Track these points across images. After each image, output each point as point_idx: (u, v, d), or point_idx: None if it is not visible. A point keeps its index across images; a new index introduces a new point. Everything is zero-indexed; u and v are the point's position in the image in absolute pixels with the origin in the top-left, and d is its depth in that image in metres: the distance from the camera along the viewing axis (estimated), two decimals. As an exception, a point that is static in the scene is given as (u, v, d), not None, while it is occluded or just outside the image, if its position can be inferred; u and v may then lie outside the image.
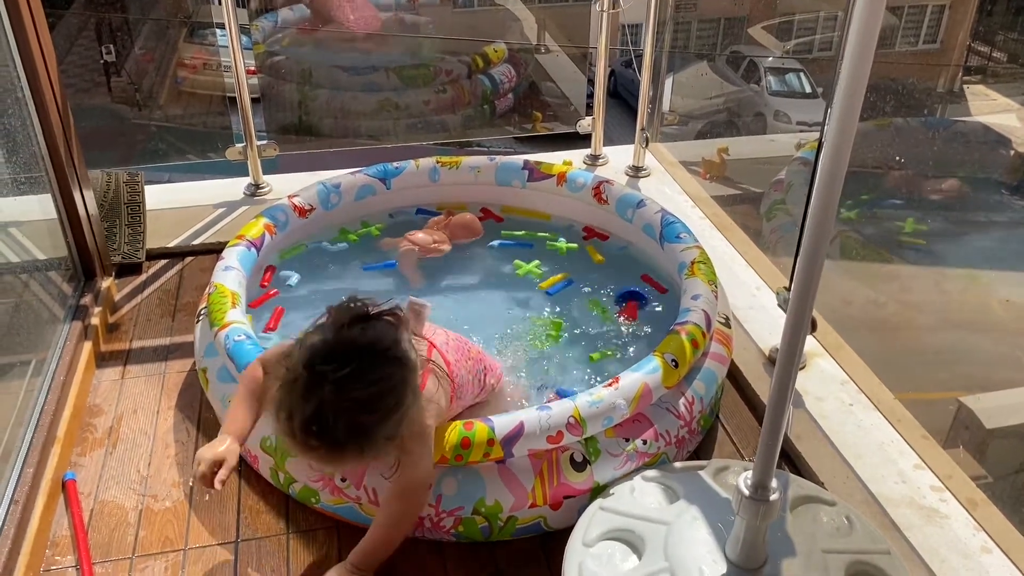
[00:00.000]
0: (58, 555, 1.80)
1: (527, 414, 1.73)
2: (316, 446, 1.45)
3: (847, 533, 1.68)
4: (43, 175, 2.41)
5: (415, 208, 2.81)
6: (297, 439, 1.45)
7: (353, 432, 1.45)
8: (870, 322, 2.81)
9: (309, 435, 1.43)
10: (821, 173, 1.30)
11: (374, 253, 2.64)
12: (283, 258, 2.59)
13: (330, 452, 1.46)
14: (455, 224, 2.68)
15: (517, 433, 1.70)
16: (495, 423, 1.71)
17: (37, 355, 2.18)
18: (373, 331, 1.51)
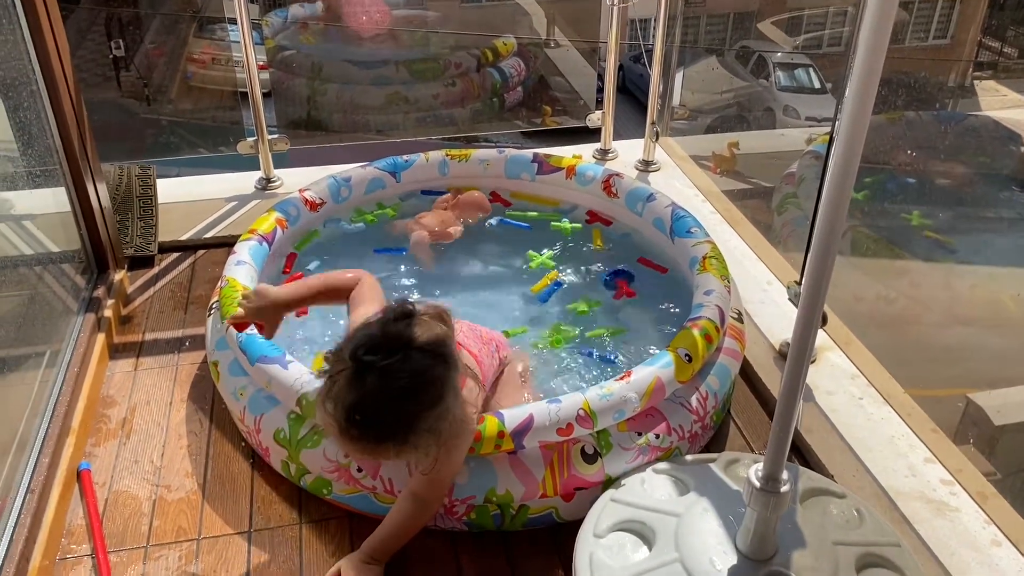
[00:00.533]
0: (73, 544, 1.82)
1: (537, 407, 1.74)
2: (359, 436, 1.45)
3: (857, 525, 1.68)
4: (57, 168, 2.43)
5: (420, 190, 2.82)
6: (341, 428, 1.45)
7: (396, 422, 1.45)
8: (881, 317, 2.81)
9: (353, 424, 1.43)
10: (833, 167, 1.30)
11: (388, 236, 2.66)
12: (300, 248, 2.62)
13: (374, 442, 1.46)
14: (463, 202, 2.69)
15: (527, 426, 1.71)
16: (505, 416, 1.72)
17: (51, 347, 2.20)
18: (420, 327, 1.52)
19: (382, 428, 1.44)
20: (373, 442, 1.46)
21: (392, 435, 1.46)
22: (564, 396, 1.78)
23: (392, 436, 1.46)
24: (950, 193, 3.32)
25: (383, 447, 1.47)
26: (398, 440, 1.46)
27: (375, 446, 1.47)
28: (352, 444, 1.47)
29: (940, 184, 3.34)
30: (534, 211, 2.76)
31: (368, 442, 1.46)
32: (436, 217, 2.63)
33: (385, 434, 1.45)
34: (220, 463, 2.03)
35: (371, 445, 1.47)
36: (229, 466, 2.02)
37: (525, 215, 2.75)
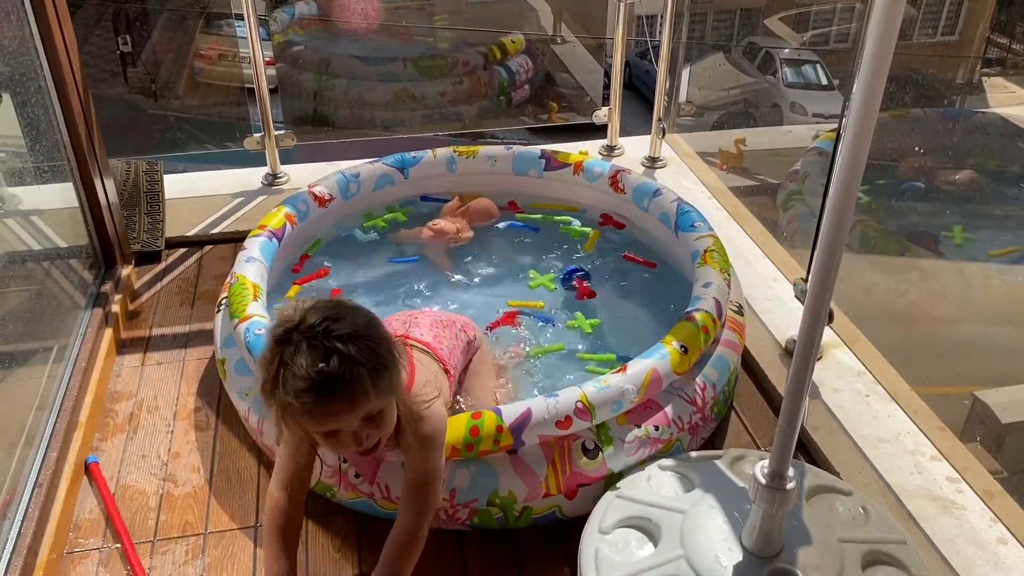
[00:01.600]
0: (81, 537, 1.83)
1: (534, 401, 1.74)
2: (333, 390, 1.41)
3: (863, 523, 1.68)
4: (65, 164, 2.44)
5: (420, 196, 2.83)
6: (311, 394, 1.41)
7: (362, 357, 1.43)
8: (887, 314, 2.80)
9: (324, 381, 1.40)
10: (841, 163, 1.30)
11: (400, 246, 2.67)
12: (312, 251, 2.64)
13: (348, 388, 1.42)
14: (473, 210, 2.71)
15: (525, 420, 1.71)
16: (503, 411, 1.73)
17: (59, 341, 2.21)
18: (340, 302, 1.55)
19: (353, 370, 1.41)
20: (348, 388, 1.42)
21: (361, 374, 1.42)
22: (561, 390, 1.78)
23: (361, 376, 1.42)
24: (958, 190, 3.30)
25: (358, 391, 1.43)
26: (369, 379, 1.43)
27: (352, 394, 1.43)
28: (328, 406, 1.43)
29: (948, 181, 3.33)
30: (541, 214, 2.76)
31: (342, 393, 1.42)
32: (450, 223, 2.65)
33: (355, 375, 1.42)
34: (227, 458, 2.03)
35: (347, 394, 1.43)
36: (236, 461, 2.02)
37: (531, 217, 2.75)
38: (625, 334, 2.33)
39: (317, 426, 1.47)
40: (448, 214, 2.71)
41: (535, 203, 2.80)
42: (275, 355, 1.43)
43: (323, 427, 1.48)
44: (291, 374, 1.41)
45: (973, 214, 3.22)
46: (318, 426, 1.47)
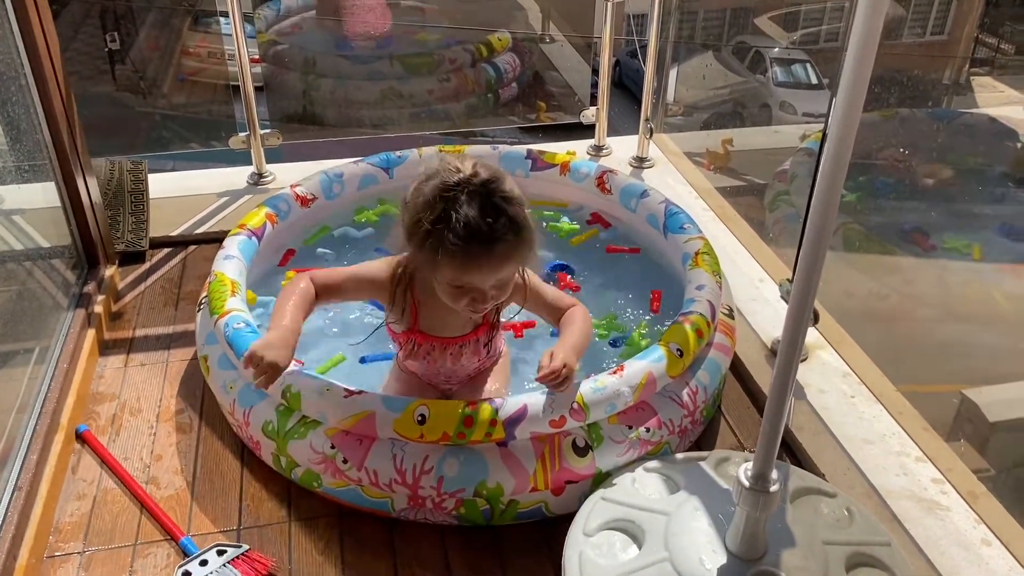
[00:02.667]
0: (61, 541, 1.81)
1: (531, 397, 1.74)
2: (493, 245, 1.59)
3: (847, 525, 1.68)
4: (47, 163, 2.42)
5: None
6: (474, 243, 1.57)
7: (521, 221, 1.63)
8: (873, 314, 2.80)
9: (489, 234, 1.58)
10: (825, 164, 1.30)
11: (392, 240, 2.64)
12: (310, 242, 2.63)
13: (505, 246, 1.60)
14: None
15: (520, 415, 1.71)
16: (498, 404, 1.72)
17: (41, 343, 2.19)
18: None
19: (516, 223, 1.61)
20: (512, 239, 1.61)
21: (522, 229, 1.62)
22: (559, 389, 1.78)
23: (522, 231, 1.62)
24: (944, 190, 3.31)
25: (520, 245, 1.63)
26: (528, 237, 1.64)
27: (513, 246, 1.62)
28: (490, 250, 1.59)
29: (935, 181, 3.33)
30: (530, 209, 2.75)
31: (506, 243, 1.60)
32: None
33: (519, 228, 1.61)
34: (210, 460, 2.02)
35: (510, 245, 1.61)
36: (219, 464, 2.01)
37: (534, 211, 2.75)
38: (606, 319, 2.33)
39: (462, 274, 1.62)
40: None
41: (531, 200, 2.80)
42: (442, 198, 1.57)
43: (467, 277, 1.63)
44: (459, 221, 1.56)
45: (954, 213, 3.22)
46: (463, 274, 1.62)
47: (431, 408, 1.73)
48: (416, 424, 1.72)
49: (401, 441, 1.75)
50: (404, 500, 1.78)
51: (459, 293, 1.67)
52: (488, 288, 1.67)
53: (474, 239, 1.57)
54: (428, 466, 1.74)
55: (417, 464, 1.74)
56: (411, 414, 1.72)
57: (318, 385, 1.80)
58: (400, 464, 1.74)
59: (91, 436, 2.06)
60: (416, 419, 1.72)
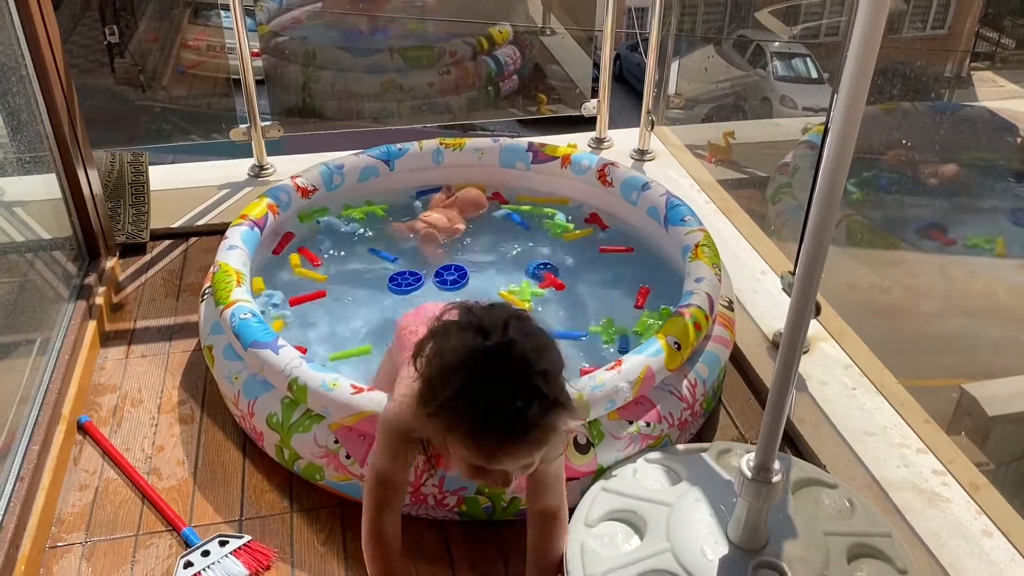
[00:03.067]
0: (64, 532, 1.81)
1: None
2: (521, 436, 1.27)
3: (848, 516, 1.68)
4: (47, 154, 2.41)
5: (416, 191, 2.80)
6: (498, 433, 1.26)
7: (558, 405, 1.28)
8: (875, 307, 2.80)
9: (517, 424, 1.25)
10: (827, 157, 1.30)
11: (383, 239, 2.63)
12: (305, 220, 2.62)
13: (535, 436, 1.28)
14: (462, 200, 2.69)
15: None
16: None
17: (42, 334, 2.19)
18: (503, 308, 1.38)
19: (551, 403, 1.25)
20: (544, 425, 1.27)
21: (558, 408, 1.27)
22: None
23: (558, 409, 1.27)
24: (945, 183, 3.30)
25: (554, 428, 1.29)
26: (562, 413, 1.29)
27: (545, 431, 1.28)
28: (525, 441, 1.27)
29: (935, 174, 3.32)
30: (529, 206, 2.74)
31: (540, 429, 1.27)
32: (442, 214, 2.63)
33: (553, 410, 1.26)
34: (211, 451, 2.02)
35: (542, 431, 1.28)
36: (220, 455, 2.01)
37: (520, 208, 2.73)
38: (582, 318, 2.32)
39: (479, 460, 1.31)
40: (437, 206, 2.69)
41: (523, 196, 2.79)
42: (465, 369, 1.25)
43: (486, 463, 1.31)
44: (481, 400, 1.24)
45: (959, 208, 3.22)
46: (481, 460, 1.30)
47: (433, 400, 1.72)
48: (418, 417, 1.71)
49: (404, 436, 1.75)
50: (406, 497, 1.78)
51: (478, 473, 1.36)
52: (514, 471, 1.36)
53: (503, 427, 1.26)
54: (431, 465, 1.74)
55: (419, 463, 1.74)
56: (413, 406, 1.71)
57: (324, 379, 1.79)
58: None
59: (93, 427, 2.06)
60: (418, 411, 1.71)
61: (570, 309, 2.35)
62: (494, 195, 2.78)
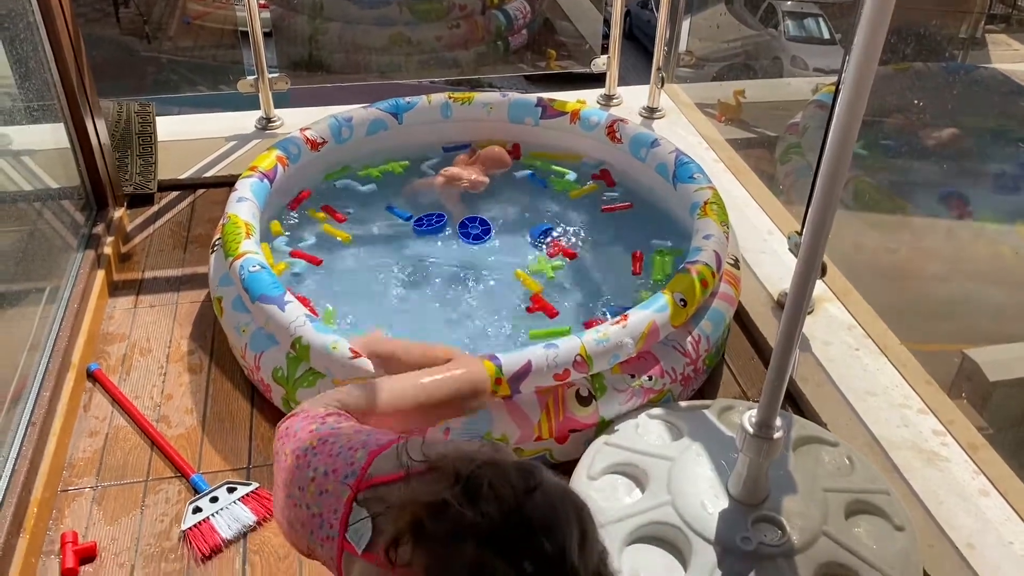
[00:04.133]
0: (75, 476, 1.84)
1: (534, 352, 1.75)
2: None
3: (848, 473, 1.70)
4: (55, 103, 2.41)
5: (442, 147, 2.81)
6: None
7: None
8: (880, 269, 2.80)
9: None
10: (838, 116, 1.29)
11: (400, 196, 2.63)
12: (330, 178, 2.65)
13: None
14: (484, 157, 2.70)
15: (525, 371, 1.72)
16: (503, 360, 1.73)
17: (51, 283, 2.20)
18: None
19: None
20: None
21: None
22: (561, 341, 1.79)
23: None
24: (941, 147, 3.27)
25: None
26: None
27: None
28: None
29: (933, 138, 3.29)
30: (542, 162, 2.74)
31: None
32: (464, 170, 2.64)
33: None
34: (220, 401, 2.04)
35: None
36: (229, 404, 2.04)
37: (535, 164, 2.73)
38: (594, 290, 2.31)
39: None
40: (460, 164, 2.70)
41: (535, 152, 2.78)
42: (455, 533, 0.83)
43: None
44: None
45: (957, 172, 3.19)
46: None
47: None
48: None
49: (409, 389, 1.76)
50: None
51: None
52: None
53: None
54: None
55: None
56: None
57: (327, 341, 1.80)
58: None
59: (102, 375, 2.08)
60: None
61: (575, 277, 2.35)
62: (513, 147, 2.77)
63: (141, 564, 1.67)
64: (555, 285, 2.29)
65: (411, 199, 2.63)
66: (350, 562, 0.95)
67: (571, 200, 2.61)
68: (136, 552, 1.69)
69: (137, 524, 1.74)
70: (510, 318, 2.18)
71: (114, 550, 1.69)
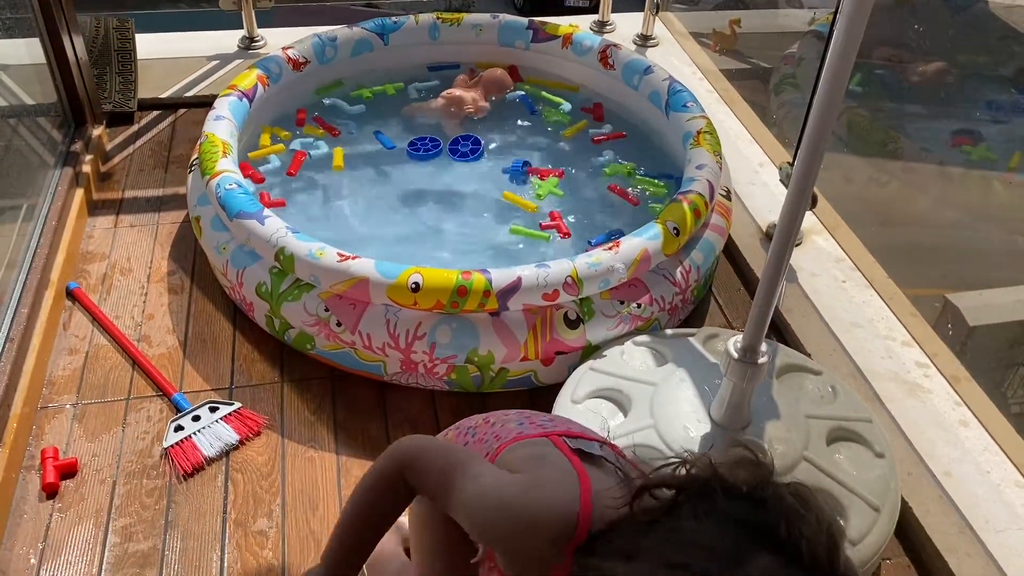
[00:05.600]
0: (55, 393, 1.83)
1: (525, 270, 1.73)
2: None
3: (830, 401, 1.71)
4: (30, 15, 2.32)
5: (426, 66, 2.72)
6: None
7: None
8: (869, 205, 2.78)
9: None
10: (834, 45, 1.26)
11: (390, 119, 2.56)
12: (322, 94, 2.59)
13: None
14: (487, 79, 2.61)
15: (514, 287, 1.71)
16: (493, 275, 1.72)
17: (28, 200, 2.15)
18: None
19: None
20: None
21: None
22: (553, 262, 1.77)
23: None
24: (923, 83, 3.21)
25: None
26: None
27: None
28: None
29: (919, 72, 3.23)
30: (543, 90, 2.67)
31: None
32: (467, 93, 2.56)
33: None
34: (201, 321, 2.02)
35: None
36: (211, 325, 2.02)
37: (536, 92, 2.66)
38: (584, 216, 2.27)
39: None
40: (460, 86, 2.62)
41: (532, 78, 2.71)
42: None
43: None
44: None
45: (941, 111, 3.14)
46: None
47: (425, 276, 1.72)
48: (410, 291, 1.71)
49: (395, 307, 1.75)
50: (397, 364, 1.80)
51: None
52: None
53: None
54: (421, 332, 1.75)
55: (410, 330, 1.75)
56: (405, 281, 1.71)
57: (311, 248, 1.78)
58: (393, 329, 1.75)
59: (82, 293, 2.05)
60: (410, 287, 1.71)
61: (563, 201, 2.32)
62: (511, 69, 2.70)
63: (123, 480, 1.66)
64: (545, 205, 2.26)
65: (408, 123, 2.56)
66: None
67: (564, 136, 2.54)
68: (118, 468, 1.69)
69: (118, 441, 1.74)
70: (495, 237, 2.16)
71: (95, 466, 1.69)
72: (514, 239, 2.15)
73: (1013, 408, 2.38)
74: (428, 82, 2.69)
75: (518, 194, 2.28)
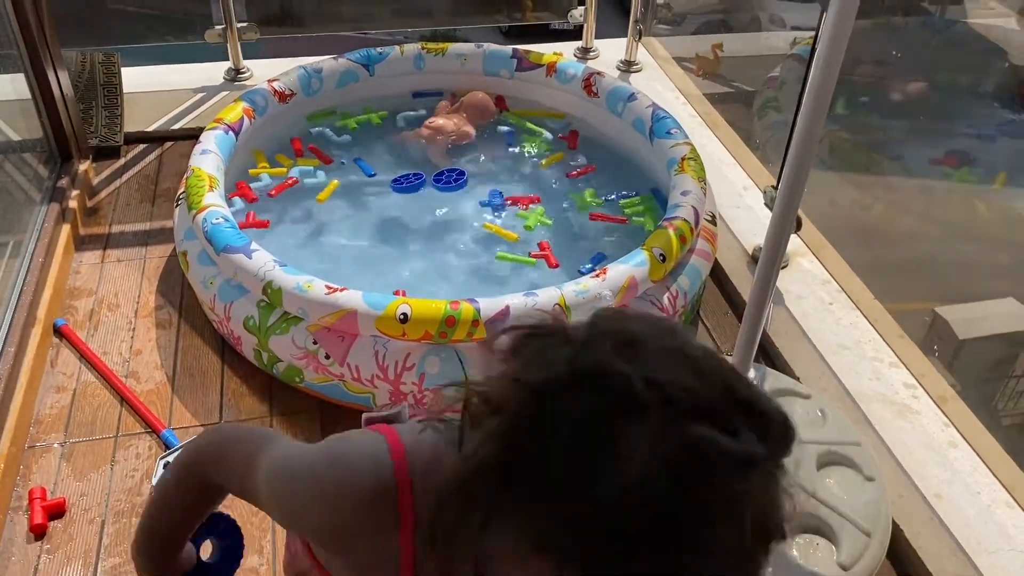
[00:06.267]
0: (43, 432, 1.82)
1: (513, 298, 1.74)
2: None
3: (820, 425, 1.72)
4: (15, 52, 2.33)
5: (411, 93, 2.74)
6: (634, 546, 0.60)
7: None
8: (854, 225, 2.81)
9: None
10: (815, 69, 1.28)
11: (374, 148, 2.57)
12: (310, 120, 2.61)
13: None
14: (468, 105, 2.62)
15: (502, 317, 1.71)
16: (481, 304, 1.72)
17: (14, 236, 2.15)
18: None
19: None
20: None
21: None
22: (540, 290, 1.78)
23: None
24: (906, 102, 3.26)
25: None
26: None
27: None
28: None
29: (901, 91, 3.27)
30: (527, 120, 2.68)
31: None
32: (449, 120, 2.56)
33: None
34: (190, 356, 2.02)
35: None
36: (199, 359, 2.01)
37: (520, 121, 2.68)
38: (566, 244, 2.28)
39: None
40: (442, 112, 2.62)
41: (518, 111, 2.72)
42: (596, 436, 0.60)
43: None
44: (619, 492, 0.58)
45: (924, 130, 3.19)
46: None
47: (413, 307, 1.72)
48: (398, 322, 1.71)
49: (383, 338, 1.75)
50: (386, 395, 1.79)
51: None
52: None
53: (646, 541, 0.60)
54: (410, 363, 1.75)
55: (399, 361, 1.75)
56: (393, 312, 1.71)
57: (299, 281, 1.78)
58: (382, 360, 1.75)
59: (69, 330, 2.05)
60: (398, 318, 1.71)
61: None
62: (497, 100, 2.71)
63: (112, 519, 1.65)
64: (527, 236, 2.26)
65: (396, 152, 2.57)
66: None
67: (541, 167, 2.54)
68: (106, 508, 1.67)
69: (107, 480, 1.72)
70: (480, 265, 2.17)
71: (83, 506, 1.67)
72: (502, 265, 2.16)
73: (1004, 421, 2.40)
74: (414, 111, 2.70)
75: (498, 224, 2.29)
